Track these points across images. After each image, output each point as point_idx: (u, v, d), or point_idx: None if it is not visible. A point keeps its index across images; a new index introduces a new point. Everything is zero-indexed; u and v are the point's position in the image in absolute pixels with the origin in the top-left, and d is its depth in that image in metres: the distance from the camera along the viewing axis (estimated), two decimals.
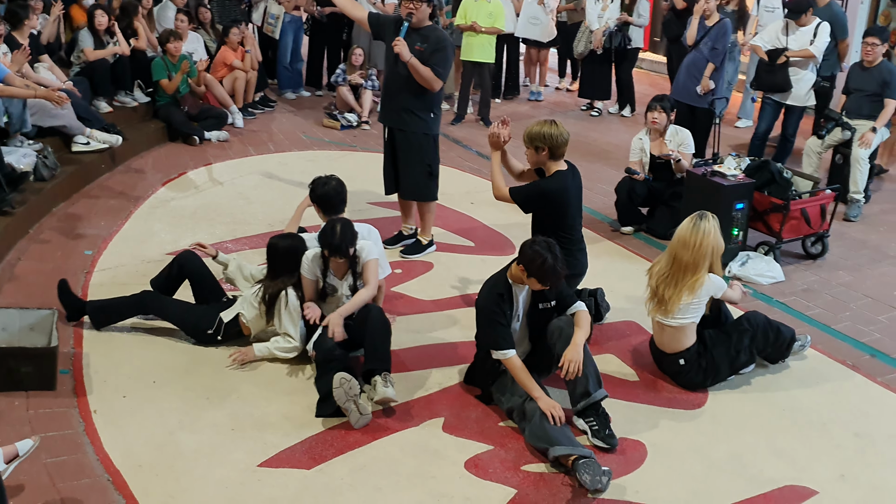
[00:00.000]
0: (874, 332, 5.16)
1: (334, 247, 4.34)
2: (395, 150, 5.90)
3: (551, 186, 4.66)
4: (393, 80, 5.79)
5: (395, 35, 5.55)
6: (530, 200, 4.74)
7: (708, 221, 4.30)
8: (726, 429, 4.17)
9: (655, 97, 6.61)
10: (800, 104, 7.72)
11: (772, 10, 9.27)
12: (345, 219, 4.51)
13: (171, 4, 9.74)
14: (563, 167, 4.72)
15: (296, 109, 10.25)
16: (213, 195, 7.14)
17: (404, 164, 5.89)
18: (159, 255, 5.77)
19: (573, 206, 4.77)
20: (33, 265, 5.56)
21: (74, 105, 7.26)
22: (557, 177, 4.68)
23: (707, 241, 4.26)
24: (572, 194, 4.73)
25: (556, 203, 4.68)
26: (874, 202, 7.51)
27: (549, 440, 3.81)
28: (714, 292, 4.35)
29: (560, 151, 4.67)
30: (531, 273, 3.99)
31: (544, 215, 4.74)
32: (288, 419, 4.06)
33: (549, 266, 3.95)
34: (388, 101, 5.87)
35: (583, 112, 10.68)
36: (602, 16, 9.98)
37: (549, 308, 4.22)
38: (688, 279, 4.27)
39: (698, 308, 4.34)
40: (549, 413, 3.88)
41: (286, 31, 10.44)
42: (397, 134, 5.86)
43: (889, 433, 4.15)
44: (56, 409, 4.04)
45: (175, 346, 4.69)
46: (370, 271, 4.53)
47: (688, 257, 4.26)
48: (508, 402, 4.10)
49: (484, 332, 4.17)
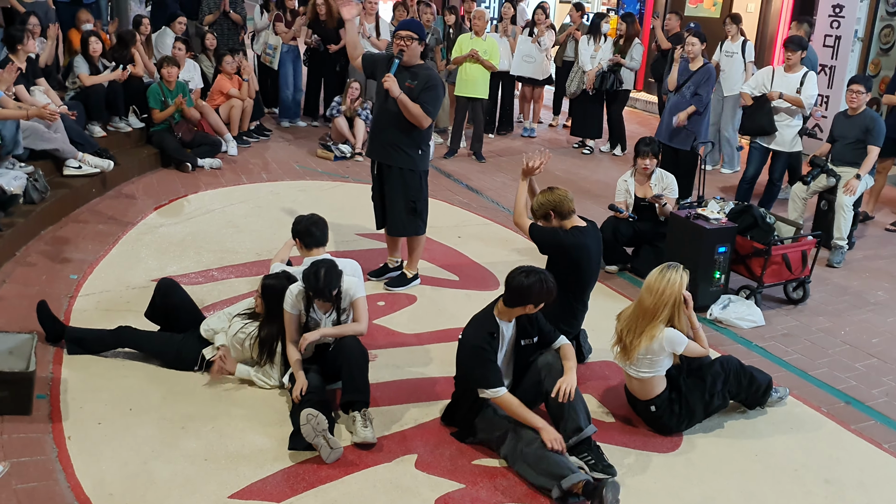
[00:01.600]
0: (850, 380, 5.19)
1: (318, 290, 4.34)
2: (382, 184, 5.96)
3: (568, 241, 4.76)
4: (382, 115, 5.85)
5: (387, 71, 5.64)
6: (546, 245, 4.85)
7: (676, 272, 4.30)
8: (700, 472, 4.18)
9: (643, 141, 6.69)
10: (786, 150, 7.81)
11: (731, 55, 9.46)
12: (329, 260, 4.50)
13: (169, 31, 9.88)
14: (579, 223, 4.82)
15: (291, 139, 10.34)
16: (203, 223, 7.19)
17: (390, 199, 5.94)
18: (145, 281, 5.80)
19: (588, 266, 4.83)
20: (18, 288, 5.58)
21: (67, 129, 7.33)
22: (574, 232, 4.79)
23: (670, 291, 4.25)
24: (590, 254, 4.79)
25: (571, 259, 4.76)
26: (858, 248, 7.58)
27: (554, 472, 3.81)
28: (673, 348, 4.31)
29: (566, 209, 4.81)
30: (537, 301, 4.07)
31: (559, 267, 4.77)
32: (262, 451, 4.07)
33: (549, 285, 4.07)
34: (376, 136, 5.93)
35: (575, 149, 10.79)
36: (595, 56, 10.12)
37: (531, 344, 4.26)
38: (646, 325, 4.29)
39: (657, 364, 4.34)
40: (550, 444, 3.90)
41: (284, 61, 10.56)
42: (384, 168, 5.91)
43: (858, 480, 4.17)
44: (30, 435, 4.04)
45: (154, 373, 4.70)
46: (360, 310, 4.55)
47: (649, 302, 4.29)
48: (494, 438, 4.12)
49: (473, 370, 4.14)
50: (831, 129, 7.50)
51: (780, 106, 7.67)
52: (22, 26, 7.80)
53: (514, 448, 4.01)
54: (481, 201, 8.42)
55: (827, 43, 10.11)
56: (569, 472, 3.80)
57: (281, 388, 4.59)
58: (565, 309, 4.83)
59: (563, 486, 3.76)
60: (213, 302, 5.63)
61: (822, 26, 10.15)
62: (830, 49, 10.06)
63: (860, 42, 10.11)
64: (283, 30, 10.47)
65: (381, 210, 6.08)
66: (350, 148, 9.64)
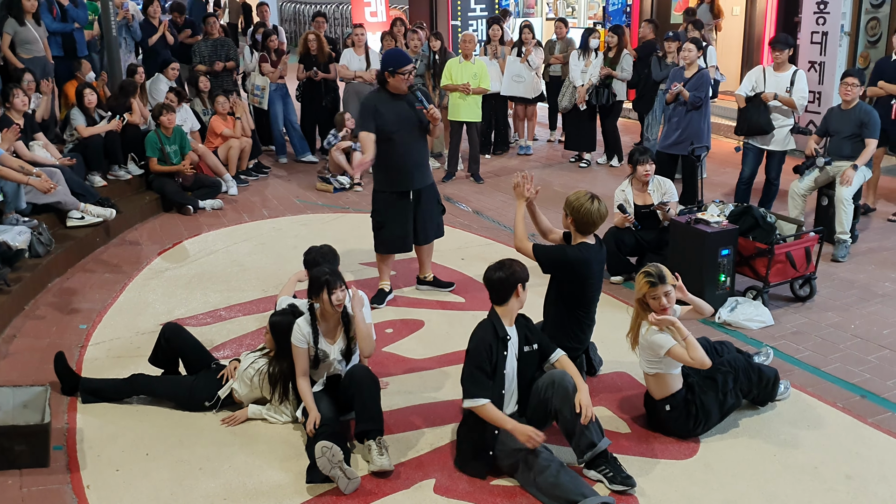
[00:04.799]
0: (864, 373, 5.18)
1: (329, 283, 4.38)
2: (417, 206, 6.17)
3: (573, 256, 4.74)
4: (411, 145, 6.01)
5: (419, 104, 5.93)
6: (550, 263, 4.83)
7: (640, 274, 4.48)
8: (719, 477, 4.17)
9: (639, 149, 6.72)
10: (780, 148, 7.84)
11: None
12: (332, 267, 4.61)
13: (163, 78, 9.98)
14: (589, 241, 4.82)
15: (289, 175, 10.41)
16: (208, 263, 7.23)
17: (427, 212, 6.24)
18: (153, 326, 5.83)
19: (593, 282, 4.82)
20: (28, 342, 5.61)
21: (68, 180, 7.41)
22: (581, 248, 4.76)
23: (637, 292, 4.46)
24: (594, 270, 4.79)
25: (576, 274, 4.76)
26: (861, 241, 7.57)
27: (571, 495, 3.81)
28: (654, 350, 4.36)
29: (587, 228, 4.76)
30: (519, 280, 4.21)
31: (563, 284, 4.81)
32: (280, 487, 4.08)
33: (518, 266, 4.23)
34: (411, 168, 6.05)
35: (572, 164, 10.83)
36: (586, 71, 10.19)
37: (533, 351, 4.30)
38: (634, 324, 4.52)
39: (661, 362, 4.38)
40: (527, 439, 3.94)
41: (273, 100, 10.68)
42: (423, 191, 6.17)
43: (881, 474, 4.15)
44: (49, 486, 4.06)
45: (168, 416, 4.72)
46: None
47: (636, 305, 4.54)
48: (506, 466, 4.11)
49: (464, 374, 4.17)
50: (823, 122, 7.52)
51: (774, 106, 7.70)
52: (12, 84, 7.89)
53: (528, 478, 4.00)
54: (482, 222, 8.45)
55: (814, 40, 10.15)
56: (582, 497, 3.79)
57: (294, 422, 4.60)
58: (573, 325, 4.83)
59: None
60: (222, 341, 5.66)
61: (808, 23, 10.19)
62: (818, 46, 10.11)
63: (847, 36, 10.15)
64: (269, 69, 10.59)
65: (412, 231, 6.23)
66: (349, 179, 9.69)
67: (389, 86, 5.89)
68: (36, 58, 9.07)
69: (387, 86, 5.91)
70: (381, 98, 5.93)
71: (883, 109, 7.97)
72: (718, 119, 12.26)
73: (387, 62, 5.90)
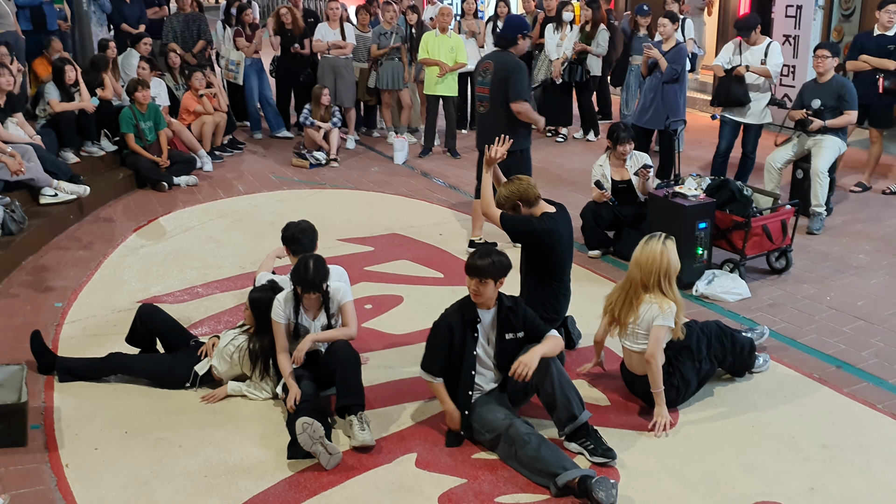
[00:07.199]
0: (839, 344, 5.24)
1: (308, 282, 4.34)
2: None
3: (540, 227, 4.73)
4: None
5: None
6: (519, 233, 4.84)
7: (657, 240, 4.39)
8: (699, 448, 4.21)
9: (620, 127, 6.72)
10: (757, 122, 7.87)
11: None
12: (317, 255, 4.51)
13: (134, 53, 9.81)
14: (549, 209, 4.81)
15: (264, 151, 10.32)
16: (184, 240, 7.16)
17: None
18: (129, 304, 5.77)
19: (562, 250, 4.83)
20: (3, 321, 5.54)
21: (41, 157, 7.28)
22: (545, 218, 4.76)
23: (654, 259, 4.34)
24: (561, 238, 4.79)
25: (544, 244, 4.76)
26: (836, 214, 7.65)
27: (551, 468, 3.83)
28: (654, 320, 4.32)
29: (532, 197, 4.77)
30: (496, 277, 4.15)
31: (533, 254, 4.82)
32: (261, 463, 4.06)
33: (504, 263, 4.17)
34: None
35: (548, 138, 10.82)
36: (560, 45, 10.15)
37: (517, 339, 4.26)
38: (635, 297, 4.39)
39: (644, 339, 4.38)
40: (450, 424, 4.17)
41: (248, 74, 10.56)
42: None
43: (856, 443, 4.21)
44: (28, 466, 4.02)
45: (147, 394, 4.68)
46: (349, 314, 4.56)
47: (637, 275, 4.39)
48: (487, 441, 4.13)
49: (425, 349, 4.27)
50: (798, 96, 7.54)
51: (749, 80, 7.72)
52: None
53: (508, 451, 4.02)
54: (459, 197, 8.43)
55: (789, 13, 10.19)
56: (563, 470, 3.81)
57: (275, 398, 4.59)
58: (548, 295, 4.85)
59: (559, 484, 3.78)
60: (199, 319, 5.61)
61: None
62: (792, 19, 10.14)
63: (821, 10, 10.19)
64: (244, 44, 10.46)
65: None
66: (325, 155, 9.62)
67: (518, 48, 6.24)
68: (8, 32, 8.87)
69: (514, 48, 6.23)
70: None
71: (866, 84, 7.97)
72: (696, 94, 12.31)
73: (520, 25, 6.32)
